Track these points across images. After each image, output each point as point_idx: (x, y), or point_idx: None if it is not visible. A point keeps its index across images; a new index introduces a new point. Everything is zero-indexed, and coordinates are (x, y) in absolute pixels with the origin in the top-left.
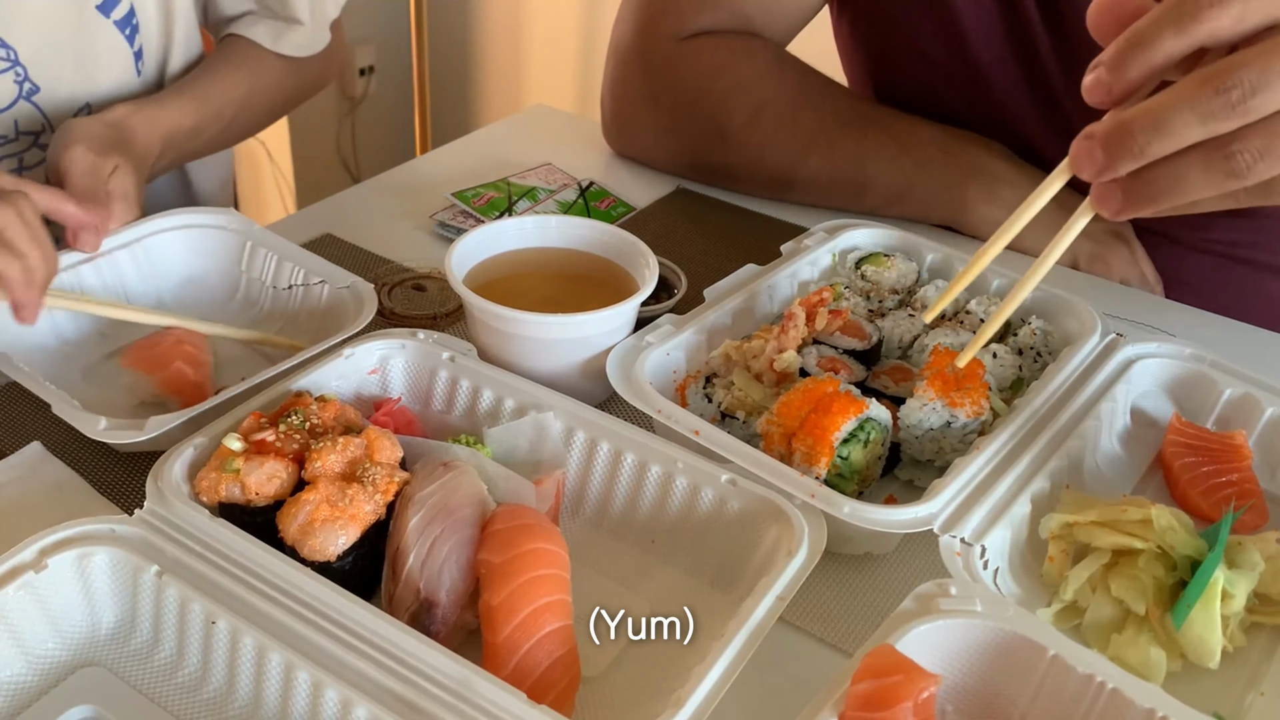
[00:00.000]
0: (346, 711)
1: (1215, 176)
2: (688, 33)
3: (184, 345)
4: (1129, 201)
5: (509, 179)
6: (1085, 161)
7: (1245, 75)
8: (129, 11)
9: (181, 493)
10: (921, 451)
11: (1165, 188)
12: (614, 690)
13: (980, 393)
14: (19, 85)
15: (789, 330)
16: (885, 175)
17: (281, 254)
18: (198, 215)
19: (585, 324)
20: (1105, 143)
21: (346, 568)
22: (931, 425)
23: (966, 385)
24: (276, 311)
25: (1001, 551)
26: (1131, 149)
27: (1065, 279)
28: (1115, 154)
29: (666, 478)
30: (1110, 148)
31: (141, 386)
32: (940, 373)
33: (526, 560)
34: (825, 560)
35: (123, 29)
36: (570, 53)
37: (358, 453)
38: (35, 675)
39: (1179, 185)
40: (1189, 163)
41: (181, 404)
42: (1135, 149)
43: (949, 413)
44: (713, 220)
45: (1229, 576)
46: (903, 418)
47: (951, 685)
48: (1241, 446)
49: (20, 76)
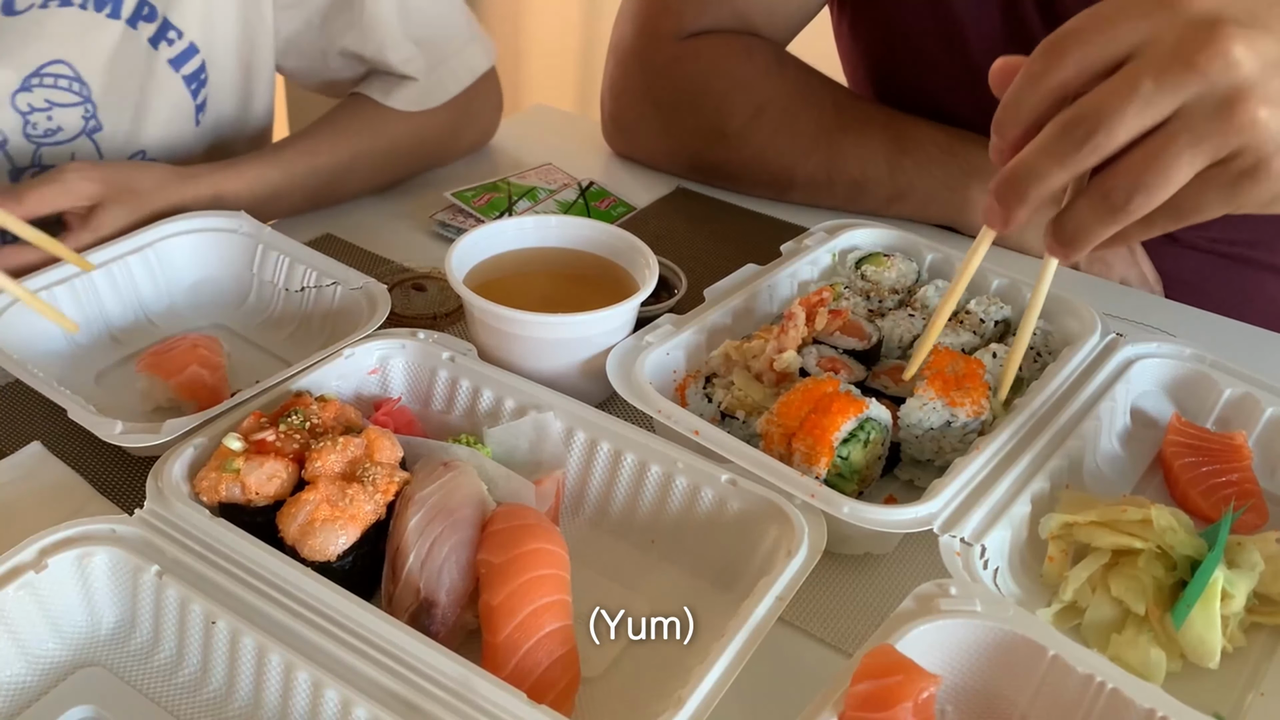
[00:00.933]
0: (346, 711)
1: (1104, 215)
2: (688, 32)
3: (199, 349)
4: (1057, 244)
5: (509, 179)
6: (990, 215)
7: (1088, 113)
8: (200, 67)
9: (181, 493)
10: (921, 451)
11: (1074, 231)
12: (614, 690)
13: (981, 392)
14: (85, 121)
15: (789, 330)
16: (885, 175)
17: (293, 257)
18: (209, 219)
19: (585, 324)
20: (996, 193)
21: (346, 568)
22: (931, 425)
23: (967, 385)
24: (289, 314)
25: (1001, 551)
26: (1017, 195)
27: (1065, 279)
28: (1005, 201)
29: (666, 478)
30: (1000, 197)
31: (157, 391)
32: (940, 372)
33: (526, 560)
34: (825, 560)
35: (189, 84)
36: (570, 53)
37: (358, 453)
38: (35, 675)
39: (1084, 228)
40: (1082, 206)
41: (197, 407)
42: (1019, 195)
43: (949, 412)
44: (713, 220)
45: (1229, 576)
46: (903, 417)
47: (951, 685)
48: (1241, 446)
49: (89, 113)
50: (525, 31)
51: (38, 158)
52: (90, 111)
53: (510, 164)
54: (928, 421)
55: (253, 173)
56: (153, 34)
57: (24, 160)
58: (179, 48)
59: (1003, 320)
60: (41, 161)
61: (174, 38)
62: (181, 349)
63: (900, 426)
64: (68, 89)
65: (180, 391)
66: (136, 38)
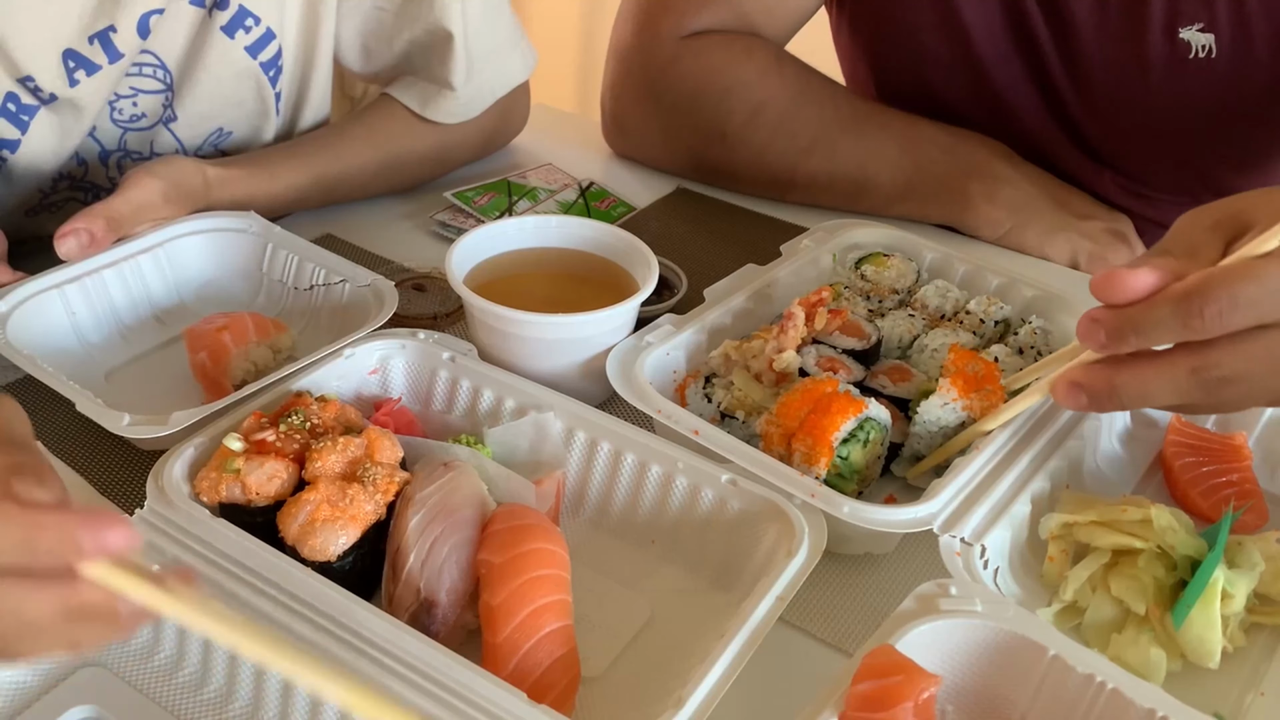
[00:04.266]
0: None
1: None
2: (687, 32)
3: (223, 333)
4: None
5: (509, 179)
6: (1089, 340)
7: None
8: (277, 53)
9: (182, 493)
10: (927, 448)
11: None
12: (614, 690)
13: (998, 396)
14: (165, 109)
15: (788, 330)
16: (885, 175)
17: (302, 255)
18: (218, 219)
19: (585, 324)
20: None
21: (347, 568)
22: (947, 423)
23: (986, 387)
24: (298, 311)
25: (1001, 551)
26: (1127, 344)
27: (1065, 279)
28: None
29: (666, 478)
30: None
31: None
32: (963, 371)
33: (526, 560)
34: (825, 560)
35: (268, 70)
36: (570, 53)
37: (358, 453)
38: (35, 675)
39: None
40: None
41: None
42: (1128, 345)
43: (967, 415)
44: (713, 220)
45: (1229, 576)
46: (921, 412)
47: (951, 685)
48: (1241, 447)
49: (168, 101)
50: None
51: (123, 142)
52: (169, 100)
53: (510, 164)
54: (945, 420)
55: (285, 179)
56: (227, 21)
57: (112, 144)
58: (256, 34)
59: (1003, 320)
60: (126, 146)
61: (251, 24)
62: (213, 327)
63: (915, 421)
64: (152, 76)
65: (193, 368)
66: (211, 25)
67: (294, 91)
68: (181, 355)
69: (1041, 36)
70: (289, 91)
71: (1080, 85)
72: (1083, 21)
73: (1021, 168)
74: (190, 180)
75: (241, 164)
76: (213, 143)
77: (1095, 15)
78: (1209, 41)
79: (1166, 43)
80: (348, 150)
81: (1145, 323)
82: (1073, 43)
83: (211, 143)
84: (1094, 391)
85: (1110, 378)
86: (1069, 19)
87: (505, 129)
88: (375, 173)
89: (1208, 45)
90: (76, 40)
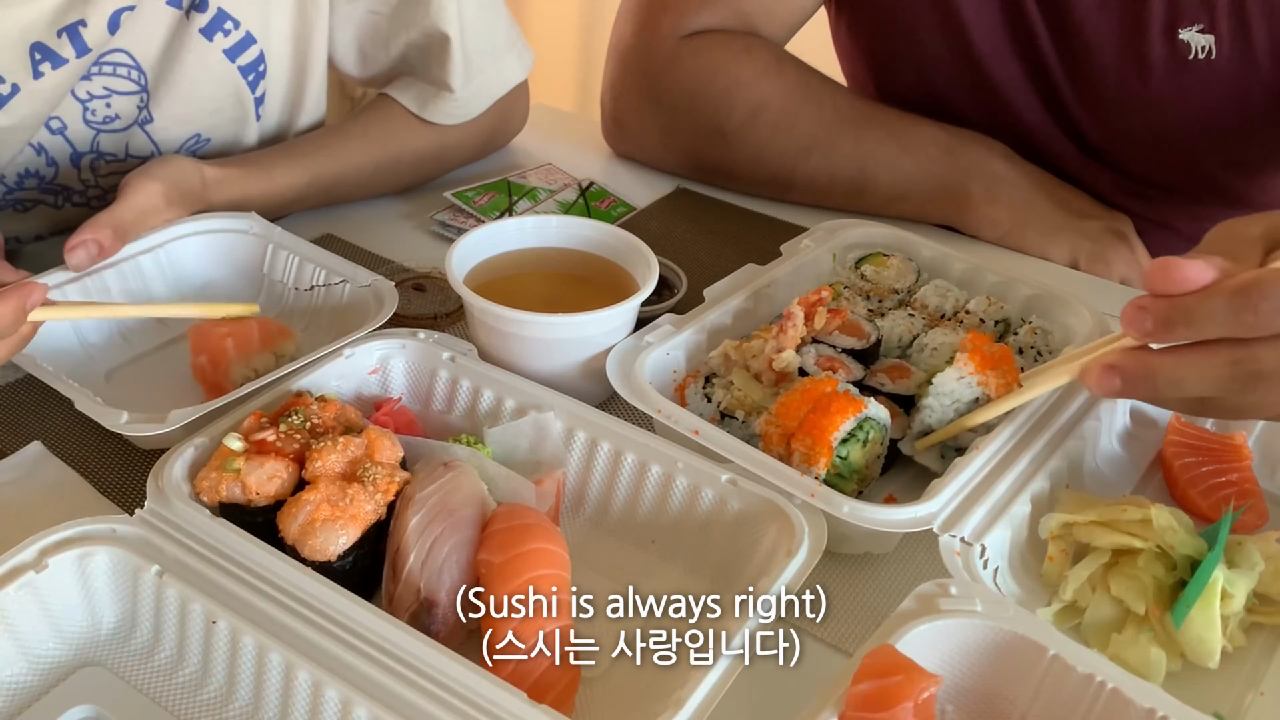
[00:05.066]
0: (346, 711)
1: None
2: (687, 31)
3: (226, 339)
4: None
5: (509, 179)
6: (1133, 327)
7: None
8: (258, 57)
9: (182, 492)
10: (938, 422)
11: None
12: (614, 690)
13: (1013, 377)
14: (140, 110)
15: (788, 330)
16: (885, 175)
17: (303, 256)
18: (220, 220)
19: (585, 324)
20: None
21: (347, 568)
22: (961, 398)
23: (1002, 366)
24: (299, 312)
25: (1001, 551)
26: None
27: (1065, 279)
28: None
29: (666, 478)
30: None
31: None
32: (980, 350)
33: (526, 560)
34: (825, 560)
35: (246, 74)
36: (570, 53)
37: (358, 453)
38: (35, 675)
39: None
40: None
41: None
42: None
43: (983, 391)
44: (713, 220)
45: (1229, 576)
46: (936, 384)
47: (951, 685)
48: (1241, 447)
49: (143, 103)
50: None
51: (96, 144)
52: (144, 101)
53: (510, 164)
54: (959, 393)
55: (283, 179)
56: (205, 24)
57: (84, 146)
58: (235, 37)
59: (1002, 320)
60: (100, 148)
61: (230, 28)
62: (218, 329)
63: (929, 394)
64: (126, 77)
65: (194, 372)
66: (188, 27)
67: (287, 95)
68: (182, 356)
69: (1041, 36)
70: (280, 95)
71: (1080, 85)
72: (1082, 22)
73: (1021, 168)
74: (189, 180)
75: (239, 164)
76: (190, 148)
77: (1095, 15)
78: (1209, 43)
79: (1166, 43)
80: (345, 150)
81: (1198, 313)
82: (1073, 43)
83: (189, 148)
84: (1129, 375)
85: (1148, 361)
86: (1069, 19)
87: (504, 129)
88: (373, 173)
89: (1208, 46)
90: (45, 33)
